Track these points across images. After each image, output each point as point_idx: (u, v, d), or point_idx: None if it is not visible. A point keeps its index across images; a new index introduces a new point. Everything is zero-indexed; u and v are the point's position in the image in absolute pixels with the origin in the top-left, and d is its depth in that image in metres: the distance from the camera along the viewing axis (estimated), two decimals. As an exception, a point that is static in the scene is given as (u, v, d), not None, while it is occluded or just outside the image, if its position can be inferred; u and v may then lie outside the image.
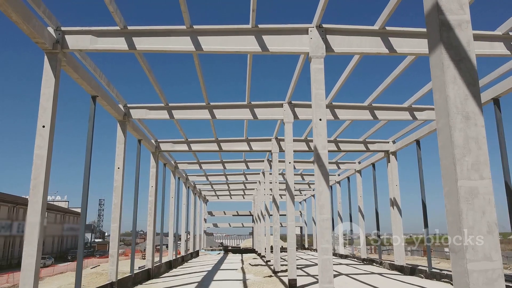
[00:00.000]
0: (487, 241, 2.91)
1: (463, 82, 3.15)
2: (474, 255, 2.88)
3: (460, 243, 2.93)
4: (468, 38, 3.24)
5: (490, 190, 2.99)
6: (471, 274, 2.85)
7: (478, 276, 2.85)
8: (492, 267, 2.87)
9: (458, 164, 3.03)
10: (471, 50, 3.22)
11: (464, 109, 3.11)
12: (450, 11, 3.27)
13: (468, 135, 3.07)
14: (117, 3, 8.23)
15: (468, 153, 3.04)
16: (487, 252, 2.89)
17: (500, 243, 2.86)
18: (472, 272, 2.85)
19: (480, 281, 2.84)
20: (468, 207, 2.95)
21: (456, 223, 2.99)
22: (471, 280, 2.85)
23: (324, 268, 7.90)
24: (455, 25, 3.25)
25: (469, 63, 3.19)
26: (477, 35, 9.16)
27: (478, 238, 2.91)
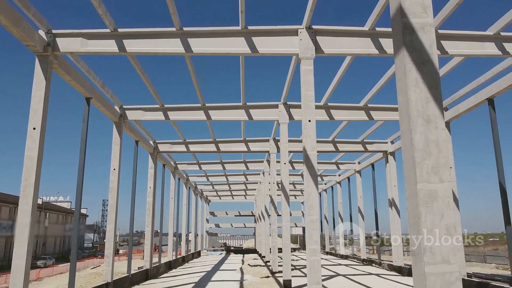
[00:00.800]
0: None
1: (425, 85, 3.15)
2: (432, 258, 2.89)
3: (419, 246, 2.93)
4: (431, 41, 3.24)
5: (449, 193, 2.99)
6: (429, 277, 2.85)
7: (436, 279, 2.85)
8: (449, 270, 2.87)
9: (418, 167, 3.04)
10: (433, 53, 3.22)
11: (425, 112, 3.11)
12: (414, 14, 3.28)
13: (429, 138, 3.08)
14: (108, 5, 8.29)
15: (428, 156, 3.05)
16: (445, 255, 2.89)
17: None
18: (429, 275, 2.86)
19: (438, 284, 2.85)
20: (427, 210, 2.96)
21: (416, 226, 2.99)
22: (428, 283, 2.85)
23: (312, 269, 7.90)
24: (418, 28, 3.25)
25: (432, 66, 3.19)
26: (467, 35, 9.14)
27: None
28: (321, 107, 13.93)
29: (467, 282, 12.52)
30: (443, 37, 9.08)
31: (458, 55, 9.37)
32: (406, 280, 15.14)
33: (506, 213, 10.84)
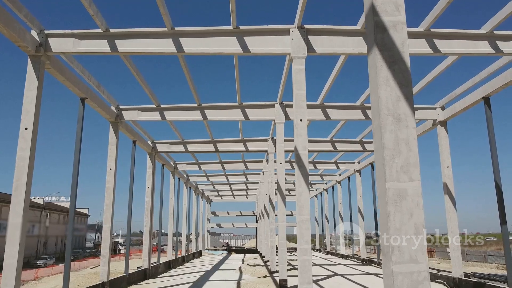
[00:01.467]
0: (414, 244, 2.89)
1: (396, 83, 3.14)
2: (400, 257, 2.87)
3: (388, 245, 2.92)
4: (402, 39, 3.22)
5: (419, 192, 2.97)
6: (396, 277, 2.84)
7: (403, 279, 2.84)
8: (417, 269, 2.85)
9: (388, 166, 3.02)
10: (405, 52, 3.20)
11: (396, 111, 3.10)
12: (386, 13, 3.26)
13: (399, 136, 3.06)
14: (100, 5, 8.31)
15: (398, 155, 3.03)
16: (413, 254, 2.87)
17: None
18: (397, 275, 2.84)
19: (405, 284, 2.83)
20: (396, 209, 2.94)
21: (385, 225, 2.98)
22: (395, 282, 2.84)
23: (303, 269, 7.89)
24: (390, 26, 3.24)
25: (403, 65, 3.17)
26: (461, 34, 9.09)
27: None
28: (317, 107, 13.90)
29: (464, 282, 12.47)
30: (435, 35, 9.04)
31: (451, 54, 9.32)
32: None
33: (502, 212, 10.79)
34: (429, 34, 9.02)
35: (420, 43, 9.01)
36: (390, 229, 2.91)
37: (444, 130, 13.78)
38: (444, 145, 13.66)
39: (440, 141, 13.78)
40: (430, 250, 35.03)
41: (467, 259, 31.18)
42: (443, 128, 13.78)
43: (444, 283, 13.41)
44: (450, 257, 13.45)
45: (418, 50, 9.02)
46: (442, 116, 13.75)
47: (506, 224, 10.75)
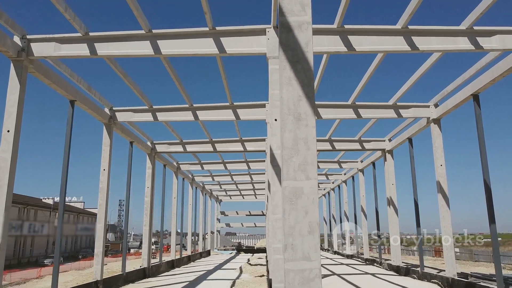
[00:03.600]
0: (307, 241, 2.92)
1: (298, 83, 3.17)
2: (293, 255, 2.90)
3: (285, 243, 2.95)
4: (307, 39, 3.25)
5: (315, 190, 3.00)
6: (288, 274, 2.87)
7: (295, 276, 2.87)
8: (309, 267, 2.88)
9: (285, 165, 3.05)
10: (309, 51, 3.23)
11: (297, 110, 3.13)
12: (291, 13, 3.29)
13: (298, 136, 3.09)
14: (80, 9, 8.51)
15: (296, 154, 3.06)
16: (306, 252, 2.90)
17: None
18: (289, 272, 2.88)
19: (297, 281, 2.86)
20: (291, 207, 2.97)
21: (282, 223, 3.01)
22: (287, 279, 2.87)
23: (275, 268, 7.92)
24: (295, 26, 3.27)
25: (306, 64, 3.20)
26: (439, 30, 8.95)
27: (299, 237, 2.92)
28: (308, 106, 13.86)
29: (457, 282, 12.29)
30: (414, 32, 8.93)
31: (429, 51, 9.19)
32: (400, 280, 14.95)
33: (491, 211, 10.59)
34: (406, 31, 8.92)
35: (398, 41, 8.92)
36: (284, 227, 2.94)
37: (438, 128, 13.58)
38: (437, 143, 13.47)
39: (433, 139, 13.59)
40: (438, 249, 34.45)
41: (475, 259, 30.56)
42: (436, 126, 13.59)
43: (439, 283, 13.23)
44: (444, 257, 13.26)
45: (395, 48, 8.94)
46: (435, 114, 13.56)
47: (494, 223, 10.54)
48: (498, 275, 10.31)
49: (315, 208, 2.93)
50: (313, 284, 2.84)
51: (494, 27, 8.85)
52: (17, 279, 20.81)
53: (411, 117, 14.09)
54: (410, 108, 13.88)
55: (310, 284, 2.84)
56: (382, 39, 8.96)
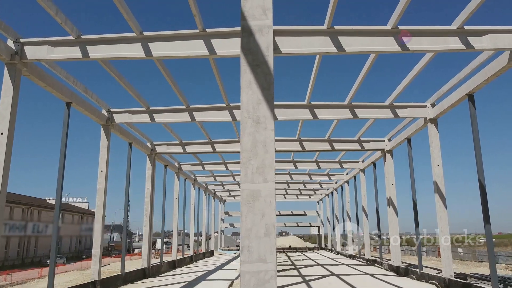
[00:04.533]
0: (263, 243, 2.95)
1: (258, 86, 3.20)
2: (249, 257, 2.93)
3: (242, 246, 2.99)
4: (268, 43, 3.28)
5: (272, 193, 3.03)
6: (244, 276, 2.91)
7: (251, 278, 2.90)
8: (265, 268, 2.91)
9: (244, 168, 3.09)
10: (269, 55, 3.26)
11: (256, 114, 3.16)
12: (253, 17, 3.32)
13: (257, 139, 3.12)
14: (71, 12, 8.60)
15: (254, 157, 3.09)
16: (262, 253, 2.93)
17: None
18: (244, 273, 2.91)
19: (252, 283, 2.89)
20: (248, 209, 3.00)
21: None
22: (242, 281, 2.90)
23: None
24: (256, 30, 3.30)
25: (266, 68, 3.23)
26: (430, 30, 8.92)
27: (255, 240, 2.95)
28: (305, 106, 13.88)
29: (453, 283, 12.22)
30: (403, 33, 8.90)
31: (420, 51, 9.15)
32: (398, 280, 14.89)
33: (486, 211, 10.53)
34: (397, 31, 8.89)
35: (388, 41, 8.90)
36: (241, 229, 2.98)
37: (435, 127, 13.52)
38: (434, 142, 13.40)
39: (430, 139, 13.53)
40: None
41: (478, 260, 30.32)
42: (433, 126, 13.52)
43: (436, 284, 13.17)
44: (441, 257, 13.19)
45: (386, 48, 8.92)
46: (432, 114, 13.50)
47: (489, 223, 10.48)
48: (493, 275, 10.25)
49: (272, 210, 2.96)
50: (268, 285, 2.87)
51: (485, 26, 8.79)
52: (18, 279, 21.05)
53: (407, 117, 14.05)
54: (406, 108, 13.83)
55: (265, 286, 2.87)
56: (373, 39, 8.95)
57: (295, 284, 13.88)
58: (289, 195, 41.33)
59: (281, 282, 14.07)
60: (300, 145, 18.76)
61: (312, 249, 45.60)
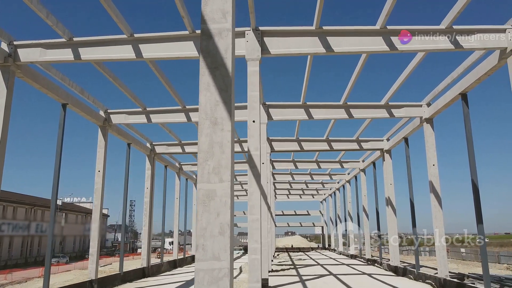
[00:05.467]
0: (218, 242, 3.02)
1: (216, 88, 3.27)
2: (204, 255, 3.00)
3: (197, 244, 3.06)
4: (226, 45, 3.35)
5: (228, 193, 3.09)
6: (198, 273, 2.98)
7: (204, 275, 2.97)
8: (219, 266, 2.98)
9: (200, 168, 3.16)
10: (228, 57, 3.32)
11: (213, 115, 3.23)
12: (213, 20, 3.39)
13: (214, 140, 3.19)
14: (63, 15, 8.75)
15: (211, 157, 3.16)
16: (216, 252, 3.00)
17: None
18: (199, 271, 2.98)
19: (206, 280, 2.96)
20: (204, 209, 3.08)
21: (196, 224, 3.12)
22: (197, 278, 2.98)
23: (252, 268, 8.03)
24: (215, 33, 3.37)
25: (224, 70, 3.30)
26: (418, 30, 8.92)
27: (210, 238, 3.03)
28: (300, 107, 13.93)
29: (448, 283, 12.20)
30: (392, 32, 8.92)
31: (408, 51, 9.15)
32: (395, 280, 14.87)
33: (478, 211, 10.49)
34: (385, 31, 8.92)
35: (377, 41, 8.93)
36: (197, 228, 3.05)
37: (430, 127, 13.49)
38: (430, 142, 13.37)
39: (426, 139, 13.49)
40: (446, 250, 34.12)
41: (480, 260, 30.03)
42: (429, 126, 13.49)
43: (432, 284, 13.14)
44: (436, 257, 13.16)
45: (374, 48, 8.96)
46: (427, 113, 13.47)
47: (482, 223, 10.44)
48: (485, 275, 10.22)
49: (227, 210, 3.03)
50: (221, 283, 2.94)
51: (473, 26, 8.80)
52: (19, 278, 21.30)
53: (403, 116, 14.03)
54: (402, 108, 13.81)
55: (218, 283, 2.94)
56: (361, 39, 8.98)
57: (290, 283, 13.92)
58: (292, 195, 41.35)
59: (277, 282, 14.13)
60: (298, 145, 18.78)
61: (315, 249, 45.59)
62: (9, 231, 44.47)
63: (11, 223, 44.78)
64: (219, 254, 2.99)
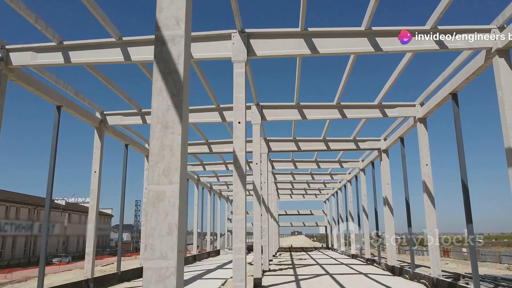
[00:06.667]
0: (166, 242, 3.13)
1: (168, 93, 3.38)
2: (152, 254, 3.12)
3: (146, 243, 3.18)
4: (179, 51, 3.45)
5: (176, 194, 3.20)
6: (146, 272, 3.09)
7: (152, 274, 3.08)
8: (166, 265, 3.08)
9: (151, 171, 3.27)
10: (180, 63, 3.43)
11: (165, 119, 3.34)
12: (167, 27, 3.50)
13: (164, 143, 3.30)
14: (53, 18, 8.92)
15: (161, 160, 3.27)
16: (164, 251, 3.11)
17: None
18: (147, 270, 3.09)
19: (153, 278, 3.07)
20: (153, 209, 3.19)
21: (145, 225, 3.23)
22: (145, 277, 3.09)
23: (237, 267, 8.13)
24: (168, 40, 3.48)
25: (177, 75, 3.41)
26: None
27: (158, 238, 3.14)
28: (293, 107, 14.01)
29: (441, 282, 12.20)
30: (377, 33, 8.97)
31: (393, 52, 9.18)
32: (390, 280, 14.89)
33: (468, 211, 10.50)
34: (370, 32, 8.97)
35: (362, 42, 8.99)
36: (146, 228, 3.17)
37: (424, 127, 13.50)
38: (423, 142, 13.38)
39: (419, 138, 13.50)
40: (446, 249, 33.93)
41: (482, 259, 29.93)
42: (422, 125, 13.50)
43: (426, 283, 13.16)
44: (429, 257, 13.16)
45: (359, 49, 9.01)
46: (420, 113, 13.47)
47: (471, 223, 10.45)
48: (474, 274, 10.24)
49: (175, 210, 3.14)
50: (168, 281, 3.05)
51: (458, 26, 8.81)
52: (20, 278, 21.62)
53: (396, 116, 14.05)
54: (395, 108, 13.83)
55: (165, 282, 3.05)
56: (346, 40, 9.04)
57: (285, 283, 14.02)
58: (295, 195, 41.40)
59: (271, 281, 14.23)
60: (296, 145, 18.86)
61: (318, 248, 45.58)
62: (12, 231, 45.11)
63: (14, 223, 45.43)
64: (167, 253, 3.10)
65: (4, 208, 43.94)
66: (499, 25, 8.65)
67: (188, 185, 26.11)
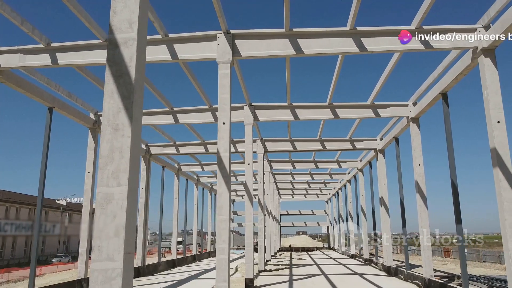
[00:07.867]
0: (113, 243, 3.15)
1: (119, 96, 3.40)
2: (99, 256, 3.15)
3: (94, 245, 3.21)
4: (131, 54, 3.48)
5: (124, 196, 3.23)
6: (93, 273, 3.12)
7: (98, 275, 3.11)
8: (112, 266, 3.11)
9: (100, 173, 3.30)
10: (132, 66, 3.46)
11: (115, 121, 3.36)
12: (120, 30, 3.53)
13: (114, 145, 3.32)
14: (42, 20, 9.00)
15: (111, 162, 3.30)
16: (110, 253, 3.14)
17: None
18: (94, 271, 3.12)
19: (100, 279, 3.10)
20: (101, 211, 3.22)
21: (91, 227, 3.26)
22: (91, 278, 3.12)
23: (220, 268, 8.15)
24: (121, 43, 3.51)
25: (128, 79, 3.43)
26: (387, 31, 8.94)
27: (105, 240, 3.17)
28: (286, 107, 14.00)
29: (432, 283, 12.14)
30: (362, 33, 8.95)
31: (378, 52, 9.14)
32: (384, 280, 14.84)
33: (457, 211, 10.44)
34: (355, 32, 8.95)
35: (347, 42, 8.97)
36: (94, 230, 3.20)
37: (416, 126, 13.44)
38: (416, 142, 13.31)
39: (412, 138, 13.44)
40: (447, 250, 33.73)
41: (482, 260, 29.72)
42: (415, 125, 13.45)
43: (419, 284, 13.10)
44: (422, 257, 13.10)
45: (344, 50, 8.99)
46: (413, 113, 13.42)
47: (461, 223, 10.38)
48: (463, 274, 10.19)
49: (123, 212, 3.16)
50: (114, 282, 3.07)
51: (444, 26, 8.77)
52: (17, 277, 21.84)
53: (389, 116, 13.99)
54: (388, 108, 13.78)
55: (111, 283, 3.08)
56: (331, 41, 9.03)
57: (278, 283, 14.01)
58: (296, 195, 41.36)
59: (265, 281, 14.24)
60: (292, 145, 18.85)
61: (320, 248, 45.49)
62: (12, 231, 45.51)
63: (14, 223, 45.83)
64: (114, 255, 3.13)
65: (4, 208, 44.33)
66: (484, 25, 8.59)
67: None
